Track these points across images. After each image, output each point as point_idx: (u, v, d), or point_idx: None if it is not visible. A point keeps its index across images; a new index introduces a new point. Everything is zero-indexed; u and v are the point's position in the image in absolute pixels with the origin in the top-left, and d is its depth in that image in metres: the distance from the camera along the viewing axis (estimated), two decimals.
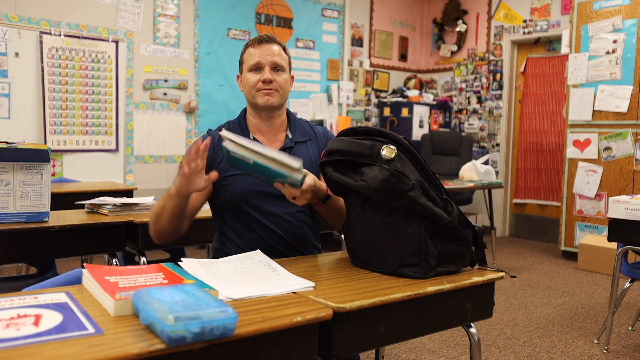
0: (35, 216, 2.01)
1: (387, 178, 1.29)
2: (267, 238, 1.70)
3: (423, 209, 1.30)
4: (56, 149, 4.48)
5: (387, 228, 1.35)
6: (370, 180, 1.31)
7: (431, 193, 1.33)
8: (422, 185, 1.32)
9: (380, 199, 1.34)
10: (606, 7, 4.69)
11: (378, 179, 1.30)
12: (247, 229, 1.71)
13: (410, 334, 1.26)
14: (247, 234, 1.71)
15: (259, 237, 1.70)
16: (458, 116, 6.70)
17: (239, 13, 5.47)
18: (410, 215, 1.32)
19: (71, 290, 1.13)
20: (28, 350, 0.82)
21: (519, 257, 5.14)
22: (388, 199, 1.31)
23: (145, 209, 2.39)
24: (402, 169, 1.31)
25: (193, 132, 5.25)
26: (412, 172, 1.33)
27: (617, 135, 4.63)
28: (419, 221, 1.32)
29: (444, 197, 1.35)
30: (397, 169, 1.31)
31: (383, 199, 1.33)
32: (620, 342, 3.00)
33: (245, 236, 1.71)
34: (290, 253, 1.71)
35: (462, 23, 6.55)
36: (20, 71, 4.32)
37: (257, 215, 1.70)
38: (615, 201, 2.67)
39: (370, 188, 1.31)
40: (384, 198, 1.32)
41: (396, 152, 1.33)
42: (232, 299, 1.10)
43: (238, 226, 1.72)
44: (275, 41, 1.76)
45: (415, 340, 2.92)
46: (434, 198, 1.33)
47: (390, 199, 1.31)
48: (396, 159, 1.32)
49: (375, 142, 1.36)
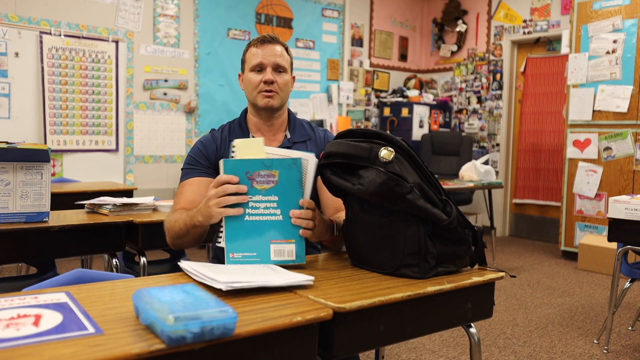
0: (35, 216, 2.01)
1: (384, 182, 1.29)
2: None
3: (421, 211, 1.30)
4: (56, 149, 4.48)
5: (386, 229, 1.35)
6: (367, 184, 1.31)
7: (430, 194, 1.33)
8: (420, 187, 1.32)
9: (378, 202, 1.34)
10: (606, 7, 4.69)
11: (376, 182, 1.30)
12: None
13: (410, 334, 1.26)
14: None
15: None
16: (458, 116, 6.70)
17: (239, 13, 5.47)
18: (410, 216, 1.32)
19: (71, 290, 1.13)
20: (28, 350, 0.82)
21: (519, 257, 5.14)
22: (386, 202, 1.31)
23: (145, 209, 2.39)
24: (400, 171, 1.31)
25: (193, 132, 5.25)
26: (410, 174, 1.32)
27: (617, 135, 4.63)
28: (418, 222, 1.32)
29: (442, 198, 1.35)
30: (394, 171, 1.30)
31: (381, 203, 1.33)
32: (620, 342, 3.00)
33: None
34: None
35: (462, 23, 6.55)
36: (20, 71, 4.32)
37: None
38: (615, 201, 2.67)
39: (368, 192, 1.31)
40: (381, 202, 1.32)
41: (394, 154, 1.33)
42: (232, 287, 1.10)
43: None
44: (278, 42, 1.77)
45: (415, 340, 2.92)
46: (433, 199, 1.33)
47: (389, 202, 1.31)
48: (394, 161, 1.32)
49: (373, 145, 1.35)
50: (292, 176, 1.36)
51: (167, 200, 2.63)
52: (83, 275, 1.36)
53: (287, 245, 1.37)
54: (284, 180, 1.36)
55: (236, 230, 1.35)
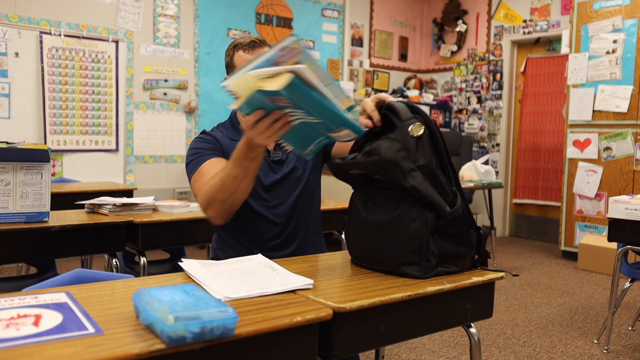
0: (35, 216, 2.01)
1: (398, 150, 1.29)
2: (268, 232, 1.74)
3: (425, 195, 1.30)
4: (56, 149, 4.48)
5: (389, 226, 1.35)
6: (383, 150, 1.30)
7: (441, 182, 1.33)
8: (432, 173, 1.32)
9: (387, 174, 1.32)
10: (606, 7, 4.69)
11: (391, 150, 1.29)
12: (249, 223, 1.73)
13: (410, 334, 1.26)
14: (249, 229, 1.73)
15: (260, 231, 1.73)
16: (458, 116, 6.70)
17: (239, 13, 5.47)
18: (413, 212, 1.32)
19: (71, 290, 1.13)
20: (28, 350, 0.82)
21: (519, 257, 5.14)
22: (394, 173, 1.30)
23: (145, 209, 2.39)
24: (415, 148, 1.31)
25: (193, 132, 5.25)
26: (427, 157, 1.32)
27: (617, 135, 4.63)
28: (421, 219, 1.32)
29: (453, 189, 1.35)
30: (409, 145, 1.30)
31: (389, 175, 1.32)
32: (620, 342, 3.00)
33: (247, 231, 1.73)
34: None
35: (462, 23, 6.55)
36: (20, 71, 4.32)
37: (261, 210, 1.72)
38: (615, 201, 2.67)
39: (386, 159, 1.29)
40: (389, 173, 1.31)
41: (423, 132, 1.32)
42: (230, 298, 1.10)
43: (240, 220, 1.72)
44: (266, 44, 1.74)
45: (415, 340, 2.92)
46: (443, 188, 1.33)
47: (397, 174, 1.30)
48: (417, 139, 1.32)
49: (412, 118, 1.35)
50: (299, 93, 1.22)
51: (167, 200, 2.63)
52: (83, 275, 1.36)
53: (340, 132, 1.34)
54: (296, 100, 1.25)
55: (291, 134, 1.33)
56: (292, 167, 1.78)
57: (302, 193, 1.78)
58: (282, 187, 1.75)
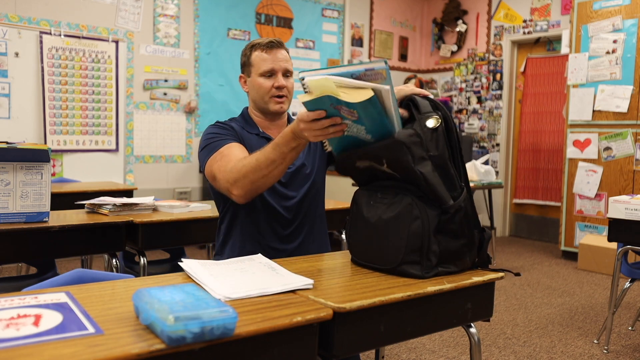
0: (35, 216, 2.01)
1: (411, 135, 1.31)
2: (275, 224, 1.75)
3: (431, 185, 1.31)
4: (56, 149, 4.48)
5: (391, 224, 1.35)
6: (397, 134, 1.32)
7: (450, 174, 1.34)
8: (443, 165, 1.33)
9: (397, 158, 1.33)
10: (606, 7, 4.69)
11: (404, 133, 1.31)
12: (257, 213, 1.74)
13: (410, 334, 1.26)
14: (257, 218, 1.74)
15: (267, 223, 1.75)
16: (458, 116, 6.69)
17: (239, 13, 5.47)
18: (415, 211, 1.32)
19: (71, 290, 1.13)
20: (28, 350, 0.82)
21: (519, 257, 5.14)
22: (405, 157, 1.31)
23: (145, 209, 2.39)
24: (429, 138, 1.32)
25: (193, 132, 5.25)
26: (439, 148, 1.33)
27: (617, 135, 4.63)
28: (423, 218, 1.32)
29: (462, 184, 1.36)
30: (423, 134, 1.32)
31: (400, 159, 1.33)
32: (620, 342, 3.00)
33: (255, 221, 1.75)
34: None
35: (462, 23, 6.55)
36: (20, 71, 4.32)
37: (272, 201, 1.74)
38: (615, 201, 2.67)
39: (398, 140, 1.31)
40: (400, 157, 1.32)
41: (439, 124, 1.34)
42: (230, 298, 1.10)
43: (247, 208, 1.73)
44: (284, 46, 1.80)
45: (415, 340, 2.92)
46: (452, 181, 1.34)
47: (407, 157, 1.31)
48: (432, 130, 1.33)
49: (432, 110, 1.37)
50: (370, 111, 1.29)
51: (167, 200, 2.63)
52: (83, 275, 1.36)
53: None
54: (364, 116, 1.30)
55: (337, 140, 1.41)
56: (302, 164, 1.80)
57: (310, 190, 1.80)
58: (292, 181, 1.78)
